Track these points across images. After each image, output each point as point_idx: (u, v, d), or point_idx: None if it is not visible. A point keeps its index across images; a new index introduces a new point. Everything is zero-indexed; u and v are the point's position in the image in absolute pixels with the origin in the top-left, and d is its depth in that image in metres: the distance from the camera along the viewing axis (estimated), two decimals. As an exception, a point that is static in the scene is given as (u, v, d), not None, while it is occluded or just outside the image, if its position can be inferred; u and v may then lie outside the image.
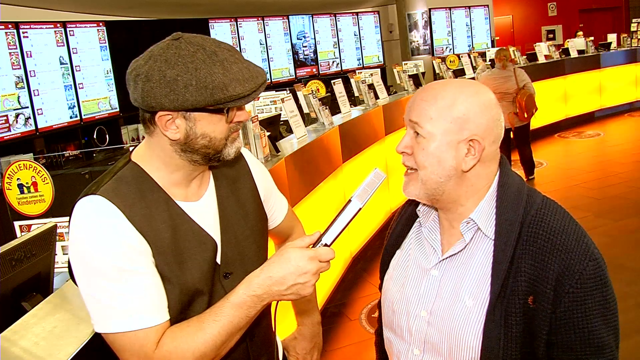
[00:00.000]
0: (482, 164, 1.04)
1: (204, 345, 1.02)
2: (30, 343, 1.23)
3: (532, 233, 1.00)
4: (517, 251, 1.00)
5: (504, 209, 1.02)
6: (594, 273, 0.97)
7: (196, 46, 1.00)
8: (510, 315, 0.98)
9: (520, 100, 5.38)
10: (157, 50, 1.02)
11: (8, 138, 5.37)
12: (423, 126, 1.03)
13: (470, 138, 1.02)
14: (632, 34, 9.71)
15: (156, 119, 1.03)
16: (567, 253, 0.97)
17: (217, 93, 0.99)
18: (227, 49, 1.03)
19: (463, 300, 1.03)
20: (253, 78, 1.03)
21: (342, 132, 3.96)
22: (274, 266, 1.04)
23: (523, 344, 0.99)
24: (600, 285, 0.97)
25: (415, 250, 1.16)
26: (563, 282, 0.96)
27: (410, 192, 1.08)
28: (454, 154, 1.02)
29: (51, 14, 6.30)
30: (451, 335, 1.03)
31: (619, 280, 3.42)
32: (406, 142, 1.07)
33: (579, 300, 0.96)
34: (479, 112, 1.02)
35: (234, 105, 1.02)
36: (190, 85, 0.98)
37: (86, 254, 1.00)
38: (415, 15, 10.66)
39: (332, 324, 3.41)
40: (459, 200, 1.06)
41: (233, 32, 8.59)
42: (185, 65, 0.98)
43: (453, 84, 1.06)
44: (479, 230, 1.04)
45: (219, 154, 1.08)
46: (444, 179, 1.03)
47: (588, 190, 5.39)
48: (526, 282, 0.98)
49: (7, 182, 2.61)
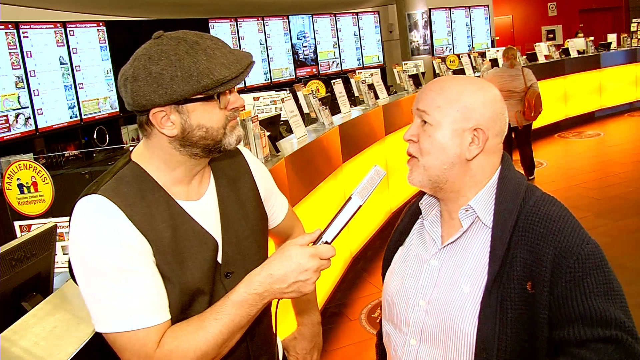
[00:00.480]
0: (485, 155, 1.08)
1: (205, 344, 1.02)
2: (30, 343, 1.23)
3: (529, 221, 1.02)
4: (513, 238, 1.02)
5: (503, 199, 1.05)
6: (592, 254, 0.97)
7: (177, 39, 1.02)
8: (506, 301, 0.99)
9: (530, 99, 5.40)
10: (141, 50, 1.03)
11: (8, 138, 5.37)
12: (430, 114, 1.07)
13: (475, 127, 1.06)
14: (632, 34, 9.71)
15: (151, 118, 1.03)
16: (563, 237, 0.98)
17: (203, 79, 0.99)
18: (209, 38, 1.04)
19: (460, 287, 1.05)
20: (238, 60, 1.03)
21: (342, 132, 3.96)
22: (274, 264, 1.04)
23: (519, 331, 0.99)
24: (600, 265, 0.97)
25: (417, 243, 1.18)
26: (560, 263, 0.97)
27: (414, 180, 1.11)
28: (459, 142, 1.06)
29: (51, 14, 6.30)
30: (447, 323, 1.05)
31: (619, 280, 3.42)
32: (413, 130, 1.11)
33: (577, 279, 0.96)
34: (484, 104, 1.07)
35: (222, 89, 1.02)
36: (176, 77, 0.99)
37: (86, 254, 1.00)
38: (415, 15, 10.66)
39: (332, 324, 3.41)
40: (461, 191, 1.09)
41: (233, 32, 8.59)
42: (168, 58, 0.99)
43: (461, 78, 1.12)
44: (478, 219, 1.07)
45: (219, 144, 1.08)
46: (448, 166, 1.07)
47: (588, 190, 5.39)
48: (522, 267, 0.99)
49: (7, 182, 2.61)
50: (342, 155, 3.95)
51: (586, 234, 1.01)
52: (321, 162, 3.58)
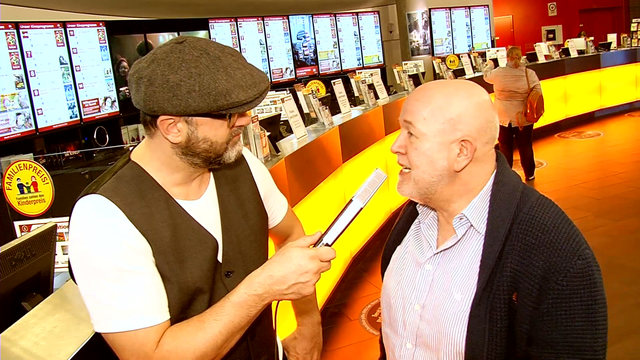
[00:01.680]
0: (475, 164, 1.05)
1: (205, 345, 1.02)
2: (30, 343, 1.23)
3: (523, 230, 1.00)
4: (505, 247, 1.00)
5: (497, 206, 1.03)
6: (582, 272, 0.95)
7: (200, 51, 1.00)
8: (495, 310, 0.98)
9: (532, 101, 5.38)
10: (160, 53, 1.01)
11: (8, 138, 5.37)
12: (416, 126, 1.04)
13: (462, 139, 1.03)
14: (632, 34, 9.71)
15: (158, 123, 1.03)
16: (554, 250, 0.96)
17: (220, 99, 0.99)
18: (231, 54, 1.03)
19: (452, 295, 1.04)
20: (256, 84, 1.02)
21: (342, 132, 3.96)
22: (275, 265, 1.04)
23: (508, 340, 0.98)
24: (588, 284, 0.95)
25: (413, 245, 1.18)
26: (548, 278, 0.95)
27: (404, 191, 1.09)
28: (446, 155, 1.03)
29: (51, 14, 6.30)
30: (439, 329, 1.05)
31: (619, 280, 3.38)
32: (400, 141, 1.09)
33: (564, 298, 0.95)
34: (473, 114, 1.03)
35: (236, 112, 1.03)
36: (193, 91, 0.98)
37: (86, 254, 1.00)
38: (415, 15, 10.66)
39: (332, 324, 3.41)
40: (452, 199, 1.07)
41: (233, 32, 8.58)
42: (188, 70, 0.98)
43: (447, 85, 1.07)
44: (472, 226, 1.06)
45: (220, 158, 1.09)
46: (436, 179, 1.05)
47: (588, 190, 5.39)
48: (510, 278, 0.98)
49: (7, 182, 2.61)
50: (342, 156, 3.95)
51: (581, 243, 0.98)
52: (321, 162, 3.58)
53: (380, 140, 4.76)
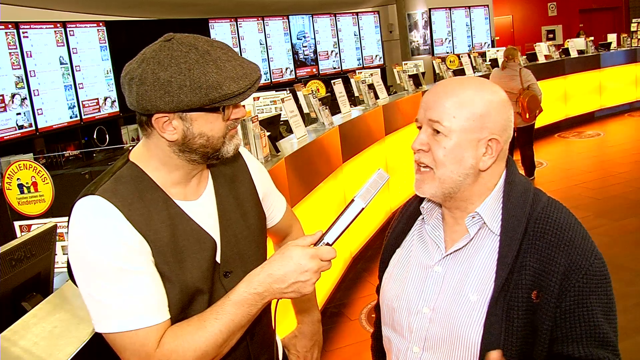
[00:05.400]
0: (496, 163, 1.05)
1: (205, 344, 1.02)
2: (30, 343, 1.23)
3: (540, 229, 1.01)
4: (522, 246, 1.00)
5: (511, 205, 1.03)
6: (599, 270, 0.99)
7: (188, 46, 1.00)
8: (513, 309, 0.98)
9: (522, 101, 5.36)
10: (150, 52, 1.01)
11: (8, 138, 5.37)
12: (444, 124, 1.02)
13: (489, 137, 1.02)
14: (632, 34, 9.71)
15: (153, 122, 1.03)
16: (574, 248, 0.99)
17: (211, 92, 0.99)
18: (220, 47, 1.03)
19: (467, 296, 1.03)
20: (247, 75, 1.03)
21: (342, 132, 3.96)
22: (275, 264, 1.04)
23: (523, 340, 0.99)
24: (604, 283, 0.99)
25: (417, 247, 1.16)
26: (570, 276, 0.97)
27: (425, 191, 1.06)
28: (474, 153, 1.03)
29: (51, 14, 6.30)
30: (453, 331, 1.03)
31: (619, 280, 3.41)
32: (422, 139, 1.05)
33: (584, 295, 0.97)
34: (497, 111, 1.03)
35: (229, 104, 1.02)
36: (184, 86, 0.98)
37: (85, 255, 1.00)
38: (415, 15, 10.66)
39: (332, 324, 3.41)
40: (471, 199, 1.06)
41: (233, 32, 8.58)
42: (178, 66, 0.98)
43: (471, 83, 1.06)
44: (484, 225, 1.05)
45: (218, 152, 1.08)
46: (462, 177, 1.04)
47: (588, 190, 5.39)
48: (531, 276, 0.98)
49: (7, 182, 2.61)
50: (342, 156, 3.95)
51: (593, 244, 1.02)
52: (321, 163, 3.58)
53: (380, 140, 4.76)
